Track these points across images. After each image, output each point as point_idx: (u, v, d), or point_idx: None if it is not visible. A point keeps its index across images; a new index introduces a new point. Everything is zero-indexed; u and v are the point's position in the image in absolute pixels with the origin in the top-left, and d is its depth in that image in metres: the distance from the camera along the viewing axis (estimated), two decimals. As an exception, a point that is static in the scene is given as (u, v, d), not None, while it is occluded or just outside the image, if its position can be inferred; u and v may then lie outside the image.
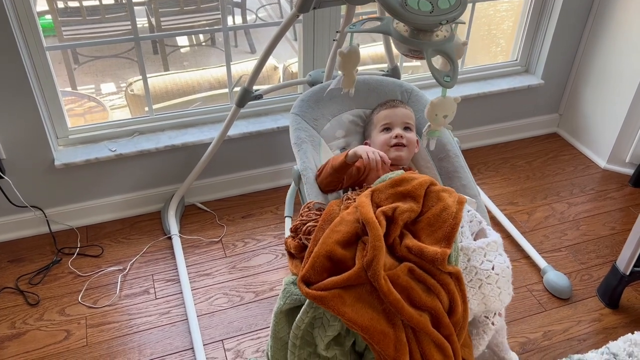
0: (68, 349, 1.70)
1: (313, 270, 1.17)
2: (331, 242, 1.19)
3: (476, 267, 1.26)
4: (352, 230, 1.22)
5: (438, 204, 1.28)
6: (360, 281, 1.17)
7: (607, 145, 2.51)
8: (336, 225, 1.23)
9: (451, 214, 1.25)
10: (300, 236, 1.29)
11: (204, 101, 2.55)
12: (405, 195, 1.29)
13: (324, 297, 1.13)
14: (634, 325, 1.80)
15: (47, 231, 2.09)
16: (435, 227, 1.25)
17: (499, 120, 2.67)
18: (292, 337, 1.20)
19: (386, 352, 1.13)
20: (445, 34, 1.27)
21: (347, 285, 1.16)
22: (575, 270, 2.00)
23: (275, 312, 1.24)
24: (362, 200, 1.26)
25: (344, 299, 1.14)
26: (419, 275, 1.19)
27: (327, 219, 1.27)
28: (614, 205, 2.32)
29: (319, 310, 1.17)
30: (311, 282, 1.17)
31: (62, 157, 2.01)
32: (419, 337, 1.16)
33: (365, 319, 1.13)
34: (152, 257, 2.03)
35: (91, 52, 3.95)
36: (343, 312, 1.12)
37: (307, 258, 1.20)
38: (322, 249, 1.19)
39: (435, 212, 1.26)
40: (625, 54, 2.35)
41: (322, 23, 2.11)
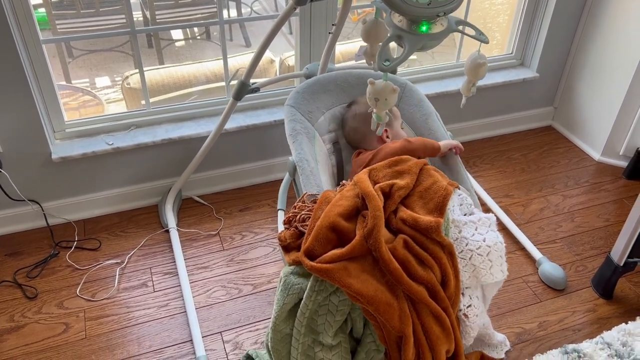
0: (67, 342, 1.70)
1: (317, 241, 1.19)
2: (333, 214, 1.22)
3: (467, 238, 1.28)
4: (353, 204, 1.26)
5: (428, 179, 1.35)
6: (362, 252, 1.20)
7: (602, 138, 2.53)
8: (337, 200, 1.27)
9: (441, 187, 1.31)
10: (295, 224, 1.30)
11: (200, 94, 2.55)
12: (402, 173, 1.35)
13: (329, 270, 1.15)
14: (628, 315, 1.82)
15: (45, 225, 2.09)
16: (426, 199, 1.30)
17: (495, 113, 2.68)
18: (296, 325, 1.21)
19: (391, 323, 1.15)
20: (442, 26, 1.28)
21: (351, 257, 1.18)
22: (570, 261, 2.03)
23: (278, 310, 1.23)
24: (360, 177, 1.32)
25: (349, 270, 1.16)
26: (412, 248, 1.22)
27: (324, 201, 1.30)
28: (608, 197, 2.34)
29: (323, 295, 1.17)
30: (315, 256, 1.19)
31: (59, 150, 2.00)
32: (418, 308, 1.19)
33: (371, 290, 1.15)
34: (150, 250, 2.03)
35: (85, 45, 3.94)
36: (349, 283, 1.14)
37: (307, 234, 1.22)
38: (325, 220, 1.21)
39: (426, 186, 1.33)
40: (620, 47, 2.36)
41: (318, 16, 2.11)
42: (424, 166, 1.39)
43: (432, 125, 1.68)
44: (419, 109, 1.72)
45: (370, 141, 1.65)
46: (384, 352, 1.22)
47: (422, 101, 1.73)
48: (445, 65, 2.55)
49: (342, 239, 1.22)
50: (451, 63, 2.56)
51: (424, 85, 2.47)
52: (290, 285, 1.22)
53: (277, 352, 1.26)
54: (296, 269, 1.25)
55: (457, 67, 2.55)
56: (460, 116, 2.60)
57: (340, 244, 1.21)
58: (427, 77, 2.52)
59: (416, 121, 1.71)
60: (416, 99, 1.74)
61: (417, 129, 1.71)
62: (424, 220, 1.23)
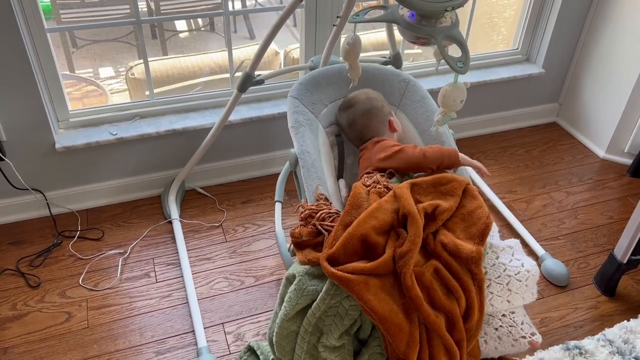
0: (69, 331, 1.71)
1: (344, 249, 1.17)
2: (368, 226, 1.19)
3: (505, 264, 1.29)
4: (389, 219, 1.23)
5: (472, 201, 1.30)
6: (386, 271, 1.17)
7: (606, 135, 2.52)
8: (374, 212, 1.23)
9: (485, 213, 1.27)
10: (314, 222, 1.28)
11: (204, 86, 2.54)
12: (445, 194, 1.31)
13: (350, 280, 1.13)
14: (630, 312, 1.82)
15: (48, 214, 2.09)
16: (469, 223, 1.26)
17: (499, 109, 2.67)
18: (305, 324, 1.20)
19: (397, 346, 1.13)
20: (451, 20, 1.27)
21: (373, 273, 1.16)
22: (573, 258, 2.02)
23: (289, 308, 1.21)
24: (404, 193, 1.27)
25: (368, 285, 1.13)
26: (443, 276, 1.20)
27: (355, 203, 1.26)
28: (612, 194, 2.34)
29: (336, 299, 1.16)
30: (337, 262, 1.17)
31: (63, 140, 2.00)
32: (431, 337, 1.17)
33: (386, 310, 1.13)
34: (153, 241, 2.03)
35: (89, 35, 3.93)
36: (367, 299, 1.12)
37: (332, 239, 1.20)
38: (358, 230, 1.19)
39: (469, 209, 1.29)
40: (626, 44, 2.35)
41: (324, 8, 2.10)
42: (467, 186, 1.36)
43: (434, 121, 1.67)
44: (421, 105, 1.71)
45: (382, 132, 1.65)
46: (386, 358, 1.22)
47: (426, 98, 1.72)
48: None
49: (368, 250, 1.20)
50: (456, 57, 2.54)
51: (428, 80, 2.46)
52: (305, 287, 1.20)
53: (280, 347, 1.25)
54: (311, 269, 1.23)
55: (463, 62, 2.54)
56: (463, 112, 2.59)
57: (365, 255, 1.19)
58: (429, 72, 2.50)
59: (418, 118, 1.70)
60: (420, 95, 1.73)
61: (419, 125, 1.70)
62: (466, 250, 1.20)
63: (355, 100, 1.68)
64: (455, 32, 1.24)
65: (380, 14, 1.34)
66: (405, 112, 1.75)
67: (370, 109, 1.64)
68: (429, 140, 1.66)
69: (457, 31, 1.25)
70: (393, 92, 1.77)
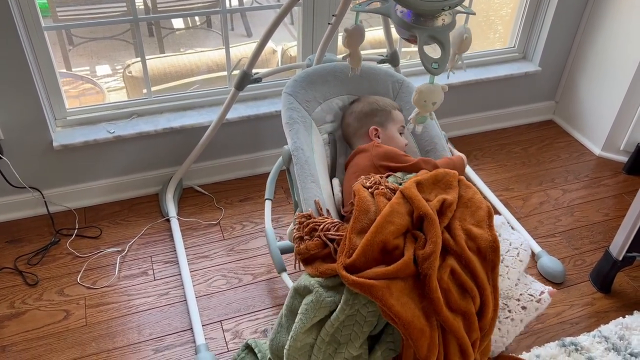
0: (67, 329, 1.71)
1: (364, 257, 1.16)
2: (387, 232, 1.19)
3: (508, 239, 1.35)
4: (406, 223, 1.23)
5: (468, 190, 1.35)
6: (406, 273, 1.17)
7: (602, 132, 2.53)
8: (390, 216, 1.22)
9: (482, 199, 1.33)
10: (319, 234, 1.27)
11: (202, 84, 2.54)
12: (446, 187, 1.33)
13: (373, 287, 1.12)
14: (626, 309, 1.83)
15: (45, 212, 2.09)
16: (473, 209, 1.30)
17: (496, 106, 2.68)
18: (322, 335, 1.20)
19: (419, 350, 1.13)
20: (447, 20, 1.28)
21: (394, 277, 1.15)
22: (569, 255, 2.03)
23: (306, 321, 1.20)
24: (415, 194, 1.27)
25: (391, 290, 1.13)
26: (459, 277, 1.20)
27: (363, 208, 1.25)
28: (607, 192, 2.35)
29: (355, 308, 1.16)
30: (355, 270, 1.16)
31: (61, 138, 2.00)
32: (446, 337, 1.17)
33: (409, 315, 1.13)
34: (151, 239, 2.04)
35: (86, 33, 3.91)
36: (390, 304, 1.11)
37: (348, 248, 1.18)
38: (378, 237, 1.18)
39: (468, 197, 1.33)
40: (622, 42, 2.36)
41: (321, 6, 2.10)
42: (459, 177, 1.40)
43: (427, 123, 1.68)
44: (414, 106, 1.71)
45: (360, 138, 1.66)
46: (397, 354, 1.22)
47: (418, 100, 1.73)
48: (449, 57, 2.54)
49: (386, 255, 1.19)
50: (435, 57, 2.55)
51: (423, 78, 2.45)
52: (323, 299, 1.19)
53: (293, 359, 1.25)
54: (325, 281, 1.22)
55: (460, 60, 2.54)
56: (460, 109, 2.60)
57: (383, 260, 1.19)
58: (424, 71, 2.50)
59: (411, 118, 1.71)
60: (413, 96, 1.75)
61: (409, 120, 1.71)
62: (484, 240, 1.23)
63: (360, 99, 1.70)
64: (440, 32, 1.24)
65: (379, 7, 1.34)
66: (398, 113, 1.76)
67: (359, 112, 1.67)
68: (422, 142, 1.67)
69: (444, 32, 1.25)
70: (387, 93, 1.78)
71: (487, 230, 1.26)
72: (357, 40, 1.46)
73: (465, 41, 1.33)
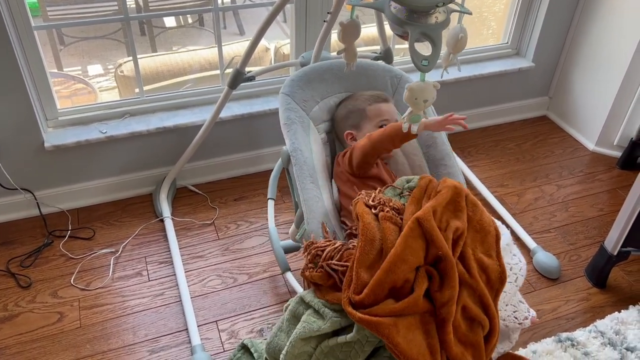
0: (62, 331, 1.70)
1: (374, 296, 1.13)
2: (400, 271, 1.15)
3: (509, 263, 1.34)
4: (419, 261, 1.18)
5: (475, 210, 1.31)
6: (414, 311, 1.15)
7: (596, 128, 2.53)
8: (403, 254, 1.17)
9: (490, 220, 1.30)
10: (322, 264, 1.24)
11: (195, 83, 2.53)
12: (455, 211, 1.30)
13: (380, 324, 1.10)
14: (621, 304, 1.84)
15: (38, 214, 2.07)
16: (482, 234, 1.28)
17: (490, 103, 2.68)
18: (323, 346, 1.19)
19: None
20: (441, 18, 1.27)
21: (401, 314, 1.14)
22: (564, 250, 2.04)
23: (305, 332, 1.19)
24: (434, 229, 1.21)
25: (397, 328, 1.11)
26: (469, 311, 1.19)
27: (368, 238, 1.20)
28: (602, 187, 2.36)
29: (363, 333, 1.15)
30: (363, 306, 1.14)
31: (52, 138, 1.98)
32: None
33: (414, 352, 1.11)
34: (145, 239, 2.02)
35: (77, 32, 3.89)
36: (397, 342, 1.10)
37: (356, 284, 1.15)
38: (390, 277, 1.14)
39: (477, 219, 1.30)
40: (615, 38, 2.36)
41: (314, 3, 2.09)
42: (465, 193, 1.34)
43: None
44: (410, 105, 1.71)
45: (344, 142, 1.65)
46: None
47: (417, 93, 1.72)
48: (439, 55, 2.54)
49: (395, 290, 1.17)
50: (444, 52, 2.54)
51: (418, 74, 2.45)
52: (330, 317, 1.19)
53: None
54: (332, 305, 1.21)
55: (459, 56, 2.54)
56: (455, 106, 2.60)
57: (391, 294, 1.16)
58: (422, 67, 2.50)
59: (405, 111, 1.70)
60: (412, 90, 1.73)
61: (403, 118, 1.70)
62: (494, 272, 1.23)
63: (353, 95, 1.68)
64: (433, 30, 1.23)
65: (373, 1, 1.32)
66: (397, 109, 1.74)
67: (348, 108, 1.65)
68: (421, 137, 1.66)
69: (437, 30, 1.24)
70: (385, 88, 1.77)
71: (496, 260, 1.25)
72: (353, 35, 1.44)
73: (461, 41, 1.32)
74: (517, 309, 1.37)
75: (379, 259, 1.19)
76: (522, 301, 1.41)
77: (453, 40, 1.34)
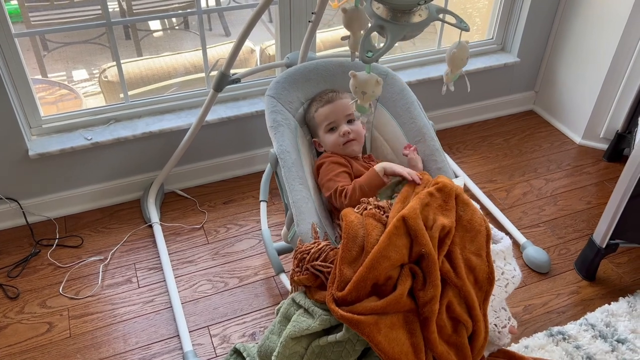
0: (51, 341, 1.68)
1: (356, 292, 1.14)
2: (382, 268, 1.15)
3: (502, 268, 1.33)
4: (402, 258, 1.19)
5: (467, 208, 1.30)
6: (396, 309, 1.15)
7: (582, 121, 2.55)
8: (386, 250, 1.17)
9: (481, 219, 1.29)
10: (306, 266, 1.24)
11: (180, 86, 2.51)
12: (444, 209, 1.29)
13: (360, 322, 1.11)
14: (611, 296, 1.85)
15: (24, 223, 2.05)
16: (473, 233, 1.26)
17: (476, 99, 2.69)
18: (314, 345, 1.19)
19: None
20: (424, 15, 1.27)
21: (383, 312, 1.13)
22: (554, 244, 2.05)
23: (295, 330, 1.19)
24: (420, 227, 1.20)
25: (379, 326, 1.11)
26: (454, 311, 1.19)
27: (351, 235, 1.20)
28: (589, 180, 2.37)
29: (353, 332, 1.14)
30: (346, 303, 1.14)
31: (36, 147, 1.96)
32: None
33: (396, 352, 1.11)
34: (133, 245, 2.00)
35: (61, 38, 3.85)
36: (377, 341, 1.10)
37: (339, 280, 1.16)
38: (372, 274, 1.14)
39: (467, 218, 1.29)
40: (598, 31, 2.37)
41: (298, 3, 2.08)
42: (457, 192, 1.33)
43: (414, 113, 1.67)
44: (400, 97, 1.71)
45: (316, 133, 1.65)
46: None
47: (404, 90, 1.72)
48: (426, 52, 2.54)
49: (378, 287, 1.17)
50: (432, 49, 2.55)
51: (405, 72, 2.46)
52: (320, 316, 1.19)
53: None
54: (322, 305, 1.22)
55: (439, 54, 2.55)
56: (442, 103, 2.60)
57: (374, 291, 1.17)
58: (408, 65, 2.50)
59: (398, 110, 1.70)
60: (398, 87, 1.73)
61: (399, 117, 1.70)
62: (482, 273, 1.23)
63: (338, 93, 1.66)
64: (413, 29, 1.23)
65: None
66: (385, 106, 1.74)
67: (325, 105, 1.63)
68: (410, 133, 1.66)
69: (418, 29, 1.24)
70: (370, 87, 1.76)
71: (485, 260, 1.25)
72: (357, 23, 1.40)
73: (453, 56, 1.30)
74: (499, 316, 1.36)
75: (362, 255, 1.20)
76: (504, 308, 1.40)
77: (448, 56, 1.34)
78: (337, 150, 1.59)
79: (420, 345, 1.15)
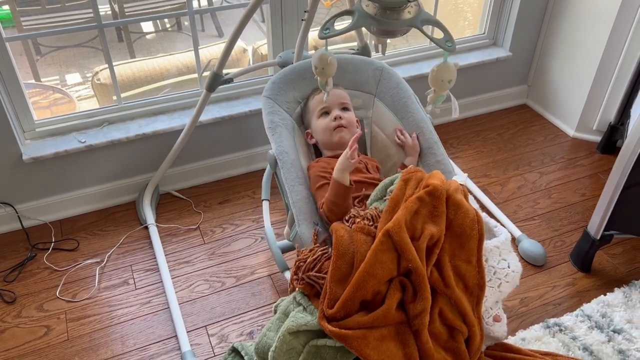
0: (49, 345, 1.68)
1: (345, 310, 1.15)
2: (369, 286, 1.15)
3: (494, 267, 1.30)
4: (389, 274, 1.18)
5: (458, 211, 1.25)
6: (385, 323, 1.15)
7: (575, 114, 2.56)
8: (372, 267, 1.16)
9: (473, 221, 1.24)
10: (302, 276, 1.25)
11: (173, 87, 2.51)
12: (432, 215, 1.26)
13: (348, 337, 1.12)
14: (606, 287, 1.86)
15: (20, 227, 2.05)
16: (463, 239, 1.24)
17: (469, 93, 2.69)
18: (311, 344, 1.20)
19: None
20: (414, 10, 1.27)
21: (371, 326, 1.14)
22: (549, 237, 2.05)
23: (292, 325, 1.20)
24: (405, 241, 1.18)
25: (367, 340, 1.12)
26: (446, 318, 1.19)
27: (340, 252, 1.20)
28: (583, 172, 2.38)
29: None
30: (336, 320, 1.15)
31: (30, 151, 1.96)
32: None
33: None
34: (130, 247, 2.01)
35: (53, 42, 3.84)
36: (366, 354, 1.11)
37: (329, 298, 1.16)
38: (359, 293, 1.15)
39: (459, 222, 1.25)
40: (589, 24, 2.38)
41: (289, 3, 2.08)
42: (448, 194, 1.28)
43: (411, 107, 1.67)
44: (397, 91, 1.71)
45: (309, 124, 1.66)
46: None
47: (401, 84, 1.72)
48: (419, 48, 2.55)
49: (366, 301, 1.18)
50: (425, 46, 2.56)
51: (399, 68, 2.46)
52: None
53: None
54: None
55: (432, 50, 2.55)
56: (435, 98, 2.60)
57: (364, 305, 1.17)
58: (401, 61, 2.51)
59: (396, 104, 1.71)
60: (394, 81, 1.73)
61: (397, 111, 1.70)
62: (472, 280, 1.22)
63: None
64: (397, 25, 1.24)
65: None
66: (382, 100, 1.74)
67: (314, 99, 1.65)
68: (408, 127, 1.67)
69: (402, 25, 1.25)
70: (368, 81, 1.76)
71: (476, 266, 1.23)
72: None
73: (433, 74, 1.30)
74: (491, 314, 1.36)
75: (352, 271, 1.19)
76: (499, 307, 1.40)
77: (430, 76, 1.33)
78: (327, 137, 1.58)
79: (414, 355, 1.15)
